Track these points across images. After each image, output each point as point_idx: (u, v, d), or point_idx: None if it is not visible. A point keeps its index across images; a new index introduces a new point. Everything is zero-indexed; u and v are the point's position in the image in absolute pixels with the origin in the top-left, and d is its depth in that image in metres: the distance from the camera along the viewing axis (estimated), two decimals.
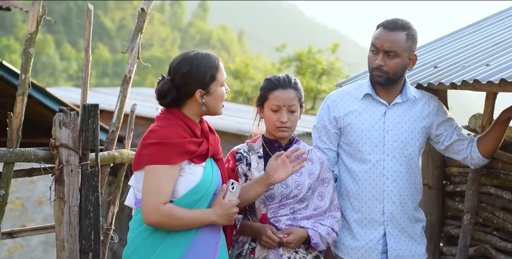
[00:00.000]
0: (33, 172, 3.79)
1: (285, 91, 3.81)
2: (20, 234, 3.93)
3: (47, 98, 9.65)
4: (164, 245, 3.35)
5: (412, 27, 4.02)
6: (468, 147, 4.19)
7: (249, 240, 3.81)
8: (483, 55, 4.58)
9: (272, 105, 3.81)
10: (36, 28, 3.65)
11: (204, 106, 3.44)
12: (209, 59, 3.47)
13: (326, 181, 3.92)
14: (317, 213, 3.86)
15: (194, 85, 3.41)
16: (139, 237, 3.39)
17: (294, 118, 3.84)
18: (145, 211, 3.31)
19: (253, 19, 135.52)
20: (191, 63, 3.43)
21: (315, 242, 3.79)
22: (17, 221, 10.18)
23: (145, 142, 3.35)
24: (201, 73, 3.42)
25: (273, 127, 3.83)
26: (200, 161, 3.43)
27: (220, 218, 3.40)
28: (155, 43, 67.26)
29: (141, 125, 11.01)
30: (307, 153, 3.91)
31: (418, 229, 4.19)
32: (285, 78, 3.85)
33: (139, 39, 4.16)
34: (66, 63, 55.51)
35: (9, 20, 52.32)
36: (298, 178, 3.83)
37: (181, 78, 3.42)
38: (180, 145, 3.33)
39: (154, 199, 3.28)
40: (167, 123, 3.40)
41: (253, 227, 3.77)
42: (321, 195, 3.90)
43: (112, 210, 4.26)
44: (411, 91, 4.13)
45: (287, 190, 3.80)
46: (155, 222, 3.30)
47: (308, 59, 28.29)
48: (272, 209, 3.81)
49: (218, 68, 3.48)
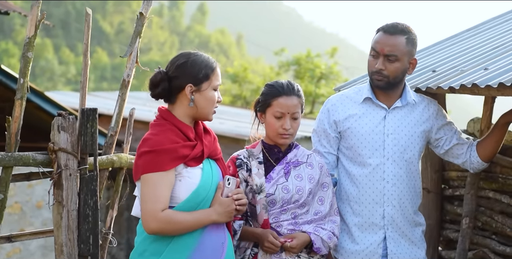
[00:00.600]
0: (31, 176, 3.78)
1: (289, 98, 3.80)
2: (18, 238, 3.92)
3: (46, 102, 9.65)
4: (170, 247, 3.35)
5: (412, 31, 4.02)
6: (468, 151, 4.19)
7: (251, 245, 3.81)
8: (481, 59, 4.58)
9: (276, 112, 3.80)
10: (35, 32, 3.64)
11: (192, 103, 3.42)
12: (207, 59, 3.49)
13: (326, 186, 3.92)
14: (317, 217, 3.86)
15: (186, 79, 3.42)
16: (144, 242, 3.40)
17: (296, 125, 3.84)
18: (145, 220, 3.31)
19: (251, 23, 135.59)
20: (188, 57, 3.46)
21: (318, 246, 3.79)
22: (16, 225, 10.18)
23: (139, 152, 3.36)
24: (196, 68, 3.43)
25: (275, 134, 3.83)
26: (196, 164, 3.43)
27: (220, 216, 3.41)
28: (154, 47, 67.33)
29: (139, 129, 10.99)
30: (306, 158, 3.91)
31: (418, 233, 4.19)
32: (289, 85, 3.84)
33: (137, 43, 4.15)
34: (64, 67, 55.49)
35: (8, 24, 52.33)
36: (299, 183, 3.83)
37: (175, 69, 3.44)
38: (173, 151, 3.33)
39: (151, 207, 3.28)
40: (160, 129, 3.40)
41: (255, 233, 3.77)
42: (321, 200, 3.90)
43: (111, 214, 4.25)
44: (411, 95, 4.13)
45: (288, 195, 3.80)
46: (156, 230, 3.30)
47: (306, 63, 28.31)
48: (274, 214, 3.81)
49: (215, 70, 3.48)
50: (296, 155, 3.90)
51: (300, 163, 3.88)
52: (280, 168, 3.85)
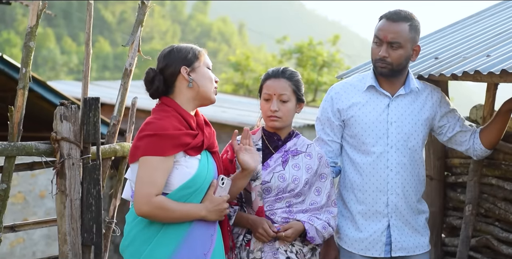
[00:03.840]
0: (34, 166, 3.79)
1: (276, 80, 3.82)
2: (22, 228, 3.93)
3: (48, 92, 9.65)
4: (158, 237, 3.36)
5: (415, 18, 4.01)
6: (471, 139, 4.19)
7: (244, 232, 3.81)
8: (484, 46, 4.56)
9: (264, 94, 3.83)
10: (37, 22, 3.64)
11: (191, 83, 3.45)
12: (191, 45, 3.56)
13: (324, 176, 3.91)
14: (313, 208, 3.85)
15: (177, 63, 3.46)
16: (134, 229, 3.41)
17: (285, 108, 3.81)
18: (137, 202, 3.31)
19: (253, 11, 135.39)
20: (172, 47, 3.54)
21: (311, 235, 3.79)
22: (19, 215, 10.19)
23: (141, 134, 3.35)
24: (183, 52, 3.49)
25: (265, 117, 3.85)
26: (195, 153, 3.44)
27: (210, 213, 3.41)
28: (156, 36, 67.20)
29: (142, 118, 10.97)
30: (306, 148, 3.91)
31: (421, 221, 4.19)
32: (280, 69, 3.87)
33: (139, 32, 4.15)
34: (66, 56, 55.46)
35: (9, 14, 52.28)
36: (296, 172, 3.82)
37: (164, 59, 3.48)
38: (175, 137, 3.34)
39: (146, 190, 3.28)
40: (164, 115, 3.41)
41: (250, 219, 3.76)
42: (318, 190, 3.89)
43: (114, 203, 4.26)
44: (414, 83, 4.12)
45: (283, 183, 3.79)
46: (146, 213, 3.31)
47: (308, 51, 28.24)
48: (268, 202, 3.80)
49: (201, 52, 3.55)
50: (296, 144, 3.89)
51: (299, 152, 3.87)
52: (278, 156, 3.84)
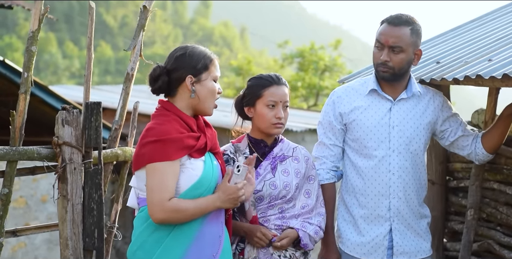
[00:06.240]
0: (36, 171, 3.79)
1: (280, 88, 3.82)
2: (23, 233, 3.93)
3: (50, 96, 9.64)
4: (168, 240, 3.36)
5: (416, 22, 4.02)
6: (473, 143, 4.19)
7: (237, 240, 3.80)
8: (485, 50, 4.56)
9: (269, 101, 3.80)
10: (38, 26, 3.64)
11: (193, 94, 3.44)
12: (205, 51, 3.51)
13: (312, 178, 3.92)
14: (305, 211, 3.85)
15: (185, 70, 3.43)
16: (143, 234, 3.40)
17: (287, 114, 3.85)
18: (152, 210, 3.31)
19: (255, 15, 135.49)
20: (186, 49, 3.49)
21: (305, 243, 3.79)
22: (21, 219, 10.19)
23: (143, 141, 3.35)
24: (194, 59, 3.45)
25: (268, 124, 3.82)
26: (199, 155, 3.44)
27: (224, 203, 3.40)
28: (158, 40, 67.27)
29: (144, 122, 10.97)
30: (292, 151, 3.90)
31: (423, 225, 4.19)
32: (277, 76, 3.87)
33: (141, 37, 4.15)
34: (68, 61, 55.54)
35: (11, 18, 52.33)
36: (286, 178, 3.82)
37: (174, 62, 3.46)
38: (179, 140, 3.34)
39: (159, 197, 3.28)
40: (164, 119, 3.41)
41: (244, 227, 3.76)
42: (308, 193, 3.89)
43: (116, 208, 4.26)
44: (416, 87, 4.12)
45: (275, 191, 3.78)
46: (163, 219, 3.31)
47: (310, 56, 28.28)
48: (261, 210, 3.79)
49: (213, 61, 3.50)
50: (282, 149, 3.89)
51: (286, 157, 3.87)
52: (267, 163, 3.83)
